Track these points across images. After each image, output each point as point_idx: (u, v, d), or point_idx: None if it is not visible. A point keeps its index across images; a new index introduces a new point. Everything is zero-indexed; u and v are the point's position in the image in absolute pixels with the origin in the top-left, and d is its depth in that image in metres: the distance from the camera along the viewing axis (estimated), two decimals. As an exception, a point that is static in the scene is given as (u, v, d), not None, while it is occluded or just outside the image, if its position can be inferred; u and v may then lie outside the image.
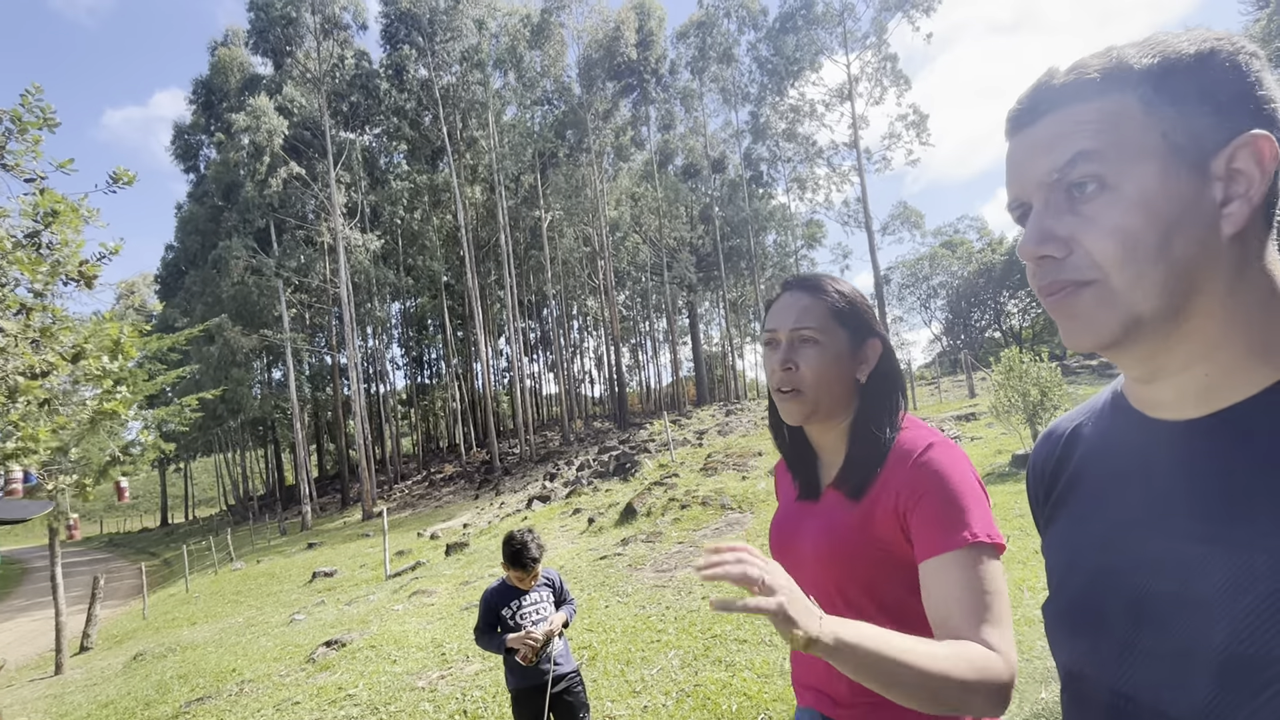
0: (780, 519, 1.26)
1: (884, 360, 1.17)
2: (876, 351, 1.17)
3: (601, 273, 35.91)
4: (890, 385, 1.16)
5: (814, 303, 1.15)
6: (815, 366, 1.12)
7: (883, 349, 1.17)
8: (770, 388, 1.17)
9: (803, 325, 1.14)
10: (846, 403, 1.15)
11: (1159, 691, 0.55)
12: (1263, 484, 0.52)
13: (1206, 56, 0.55)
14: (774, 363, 1.15)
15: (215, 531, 29.67)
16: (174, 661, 8.05)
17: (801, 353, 1.13)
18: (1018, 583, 4.78)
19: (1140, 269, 0.55)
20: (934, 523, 0.97)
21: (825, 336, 1.14)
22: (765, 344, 1.19)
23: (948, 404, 18.46)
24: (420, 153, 36.14)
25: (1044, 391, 8.94)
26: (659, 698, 4.05)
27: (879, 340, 1.17)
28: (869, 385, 1.16)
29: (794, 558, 1.19)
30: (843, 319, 1.15)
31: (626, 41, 33.56)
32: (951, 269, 48.84)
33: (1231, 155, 0.54)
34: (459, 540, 13.12)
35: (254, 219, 30.60)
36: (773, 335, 1.17)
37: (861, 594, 1.08)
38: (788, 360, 1.14)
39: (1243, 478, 0.53)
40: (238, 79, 35.04)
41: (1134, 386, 0.64)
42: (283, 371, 34.98)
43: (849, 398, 1.15)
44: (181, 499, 57.54)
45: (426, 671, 5.38)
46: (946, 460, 1.03)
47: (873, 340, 1.16)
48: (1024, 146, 0.61)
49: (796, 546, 1.19)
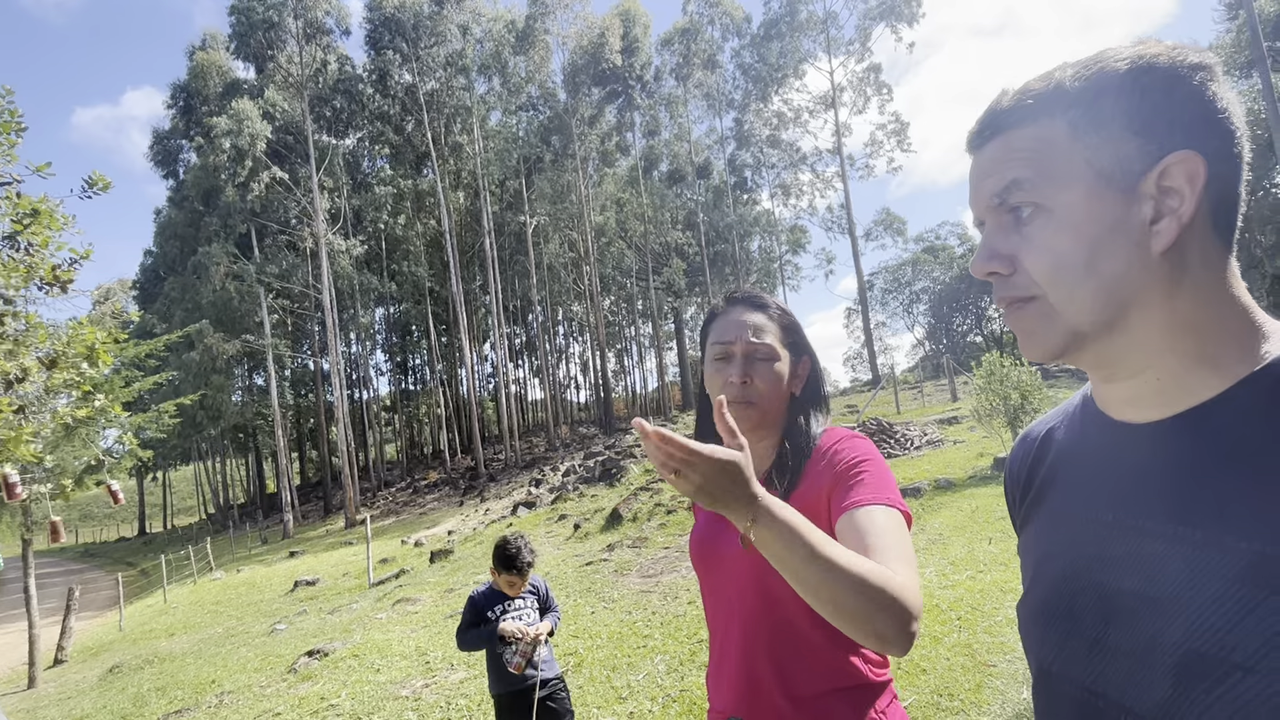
0: (702, 532, 1.27)
1: (812, 376, 1.25)
2: (807, 369, 1.25)
3: (587, 278, 35.90)
4: (818, 398, 1.25)
5: (766, 320, 1.22)
6: (769, 381, 1.18)
7: (811, 366, 1.25)
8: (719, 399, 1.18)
9: (761, 341, 1.19)
10: (781, 416, 1.22)
11: (1124, 688, 0.56)
12: (1215, 485, 0.53)
13: (1141, 73, 0.56)
14: (730, 375, 1.18)
15: (194, 540, 29.21)
16: (151, 673, 7.91)
17: (757, 368, 1.18)
18: (999, 584, 4.82)
19: (1071, 287, 0.58)
20: (849, 489, 1.04)
21: (777, 353, 1.20)
22: (717, 357, 1.21)
23: (930, 408, 18.61)
24: (404, 158, 35.95)
25: (1024, 395, 9.04)
26: (645, 703, 4.04)
27: (809, 359, 1.25)
28: (800, 399, 1.23)
29: (721, 564, 1.20)
30: (787, 336, 1.23)
31: (611, 48, 33.65)
32: (933, 274, 49.36)
33: (1161, 174, 0.55)
34: (444, 547, 13.01)
35: (235, 224, 30.27)
36: (727, 349, 1.20)
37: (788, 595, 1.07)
38: (746, 374, 1.17)
39: (1196, 478, 0.55)
40: (218, 83, 34.67)
41: (1100, 389, 0.66)
42: (264, 378, 34.57)
43: (785, 411, 1.22)
44: (160, 507, 56.58)
45: (410, 680, 5.33)
46: (858, 445, 1.12)
47: (805, 358, 1.25)
48: (976, 169, 0.64)
49: (723, 554, 1.20)
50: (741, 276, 41.54)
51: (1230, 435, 0.54)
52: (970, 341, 47.17)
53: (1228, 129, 0.56)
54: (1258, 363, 0.55)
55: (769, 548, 0.80)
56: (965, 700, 3.34)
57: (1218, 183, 0.56)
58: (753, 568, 1.12)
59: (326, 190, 32.61)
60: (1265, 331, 0.57)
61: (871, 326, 38.12)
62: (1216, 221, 0.57)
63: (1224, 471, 0.53)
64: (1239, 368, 0.56)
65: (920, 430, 13.32)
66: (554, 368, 44.85)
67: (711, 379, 1.21)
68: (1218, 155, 0.56)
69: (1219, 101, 0.56)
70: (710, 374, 1.22)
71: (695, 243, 39.60)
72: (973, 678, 3.54)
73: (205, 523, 44.73)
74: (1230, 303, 0.57)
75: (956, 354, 38.99)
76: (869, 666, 1.10)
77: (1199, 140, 0.55)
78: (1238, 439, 0.54)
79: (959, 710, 3.27)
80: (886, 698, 1.11)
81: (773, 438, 1.22)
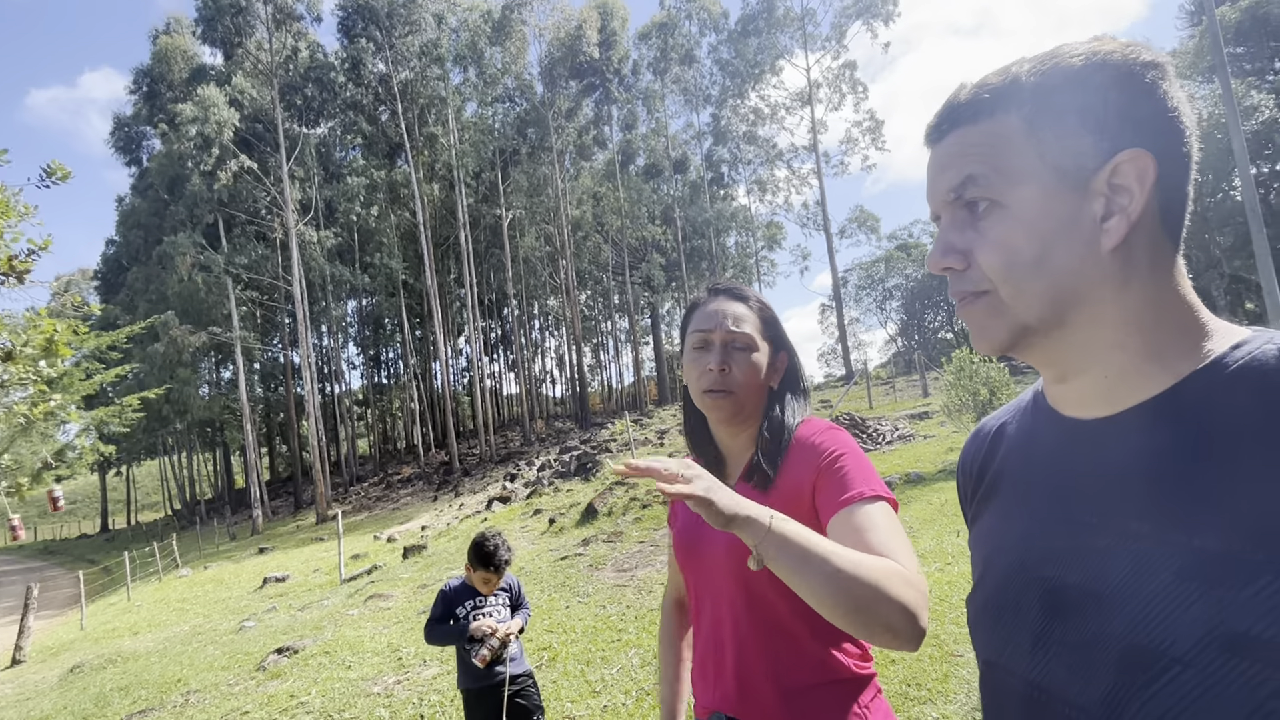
0: (685, 524, 1.28)
1: (790, 370, 1.26)
2: (785, 362, 1.26)
3: (563, 272, 35.73)
4: (795, 392, 1.25)
5: (746, 311, 1.22)
6: (747, 371, 1.18)
7: (789, 360, 1.26)
8: (697, 389, 1.19)
9: (740, 330, 1.19)
10: (760, 407, 1.22)
11: (1068, 681, 0.56)
12: (1159, 481, 0.54)
13: (1095, 70, 0.56)
14: (708, 363, 1.18)
15: (160, 537, 28.56)
16: (114, 673, 7.73)
17: (735, 357, 1.19)
18: (966, 576, 4.90)
19: (1021, 282, 0.58)
20: (837, 484, 1.05)
21: (755, 344, 1.20)
22: (696, 346, 1.21)
23: (902, 403, 18.89)
24: (378, 148, 35.37)
25: (993, 391, 9.23)
26: (619, 697, 4.05)
27: (786, 353, 1.26)
28: (778, 392, 1.24)
29: (704, 557, 1.21)
30: (767, 329, 1.24)
31: (589, 41, 33.45)
32: (906, 271, 50.03)
33: (1112, 171, 0.55)
34: (417, 543, 12.90)
35: (202, 214, 29.54)
36: (706, 337, 1.20)
37: (769, 589, 1.10)
38: (724, 362, 1.18)
39: (1142, 475, 0.56)
40: (183, 69, 33.78)
41: (1050, 386, 0.67)
42: (232, 371, 33.88)
43: (762, 403, 1.22)
44: (123, 503, 55.25)
45: (382, 677, 5.28)
46: (838, 437, 1.13)
47: (783, 353, 1.26)
48: (933, 163, 0.65)
49: (706, 546, 1.20)
50: (718, 272, 41.66)
51: (1174, 431, 0.55)
52: (941, 338, 47.95)
53: (1178, 128, 0.56)
54: (1202, 360, 0.56)
55: (780, 566, 0.80)
56: (933, 690, 3.40)
57: (1167, 181, 0.56)
58: (737, 565, 1.12)
59: (297, 180, 31.97)
60: (1209, 329, 0.58)
61: (845, 322, 38.55)
62: (1165, 220, 0.57)
63: (1168, 468, 0.54)
64: (1183, 365, 0.56)
65: (892, 425, 13.52)
66: (530, 362, 44.60)
67: (690, 368, 1.22)
68: (1167, 154, 0.56)
69: (1170, 100, 0.56)
70: (689, 363, 1.22)
71: (672, 238, 39.62)
72: (940, 668, 3.61)
73: (171, 519, 43.76)
74: (1177, 301, 0.58)
75: (928, 350, 39.61)
76: (853, 660, 1.11)
77: (1149, 138, 0.55)
78: (1181, 435, 0.54)
79: (926, 700, 3.33)
80: (870, 692, 1.11)
81: (751, 429, 1.22)
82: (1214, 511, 0.50)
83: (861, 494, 1.01)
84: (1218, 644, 0.47)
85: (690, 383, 1.21)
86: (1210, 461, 0.52)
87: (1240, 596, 0.47)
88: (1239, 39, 19.61)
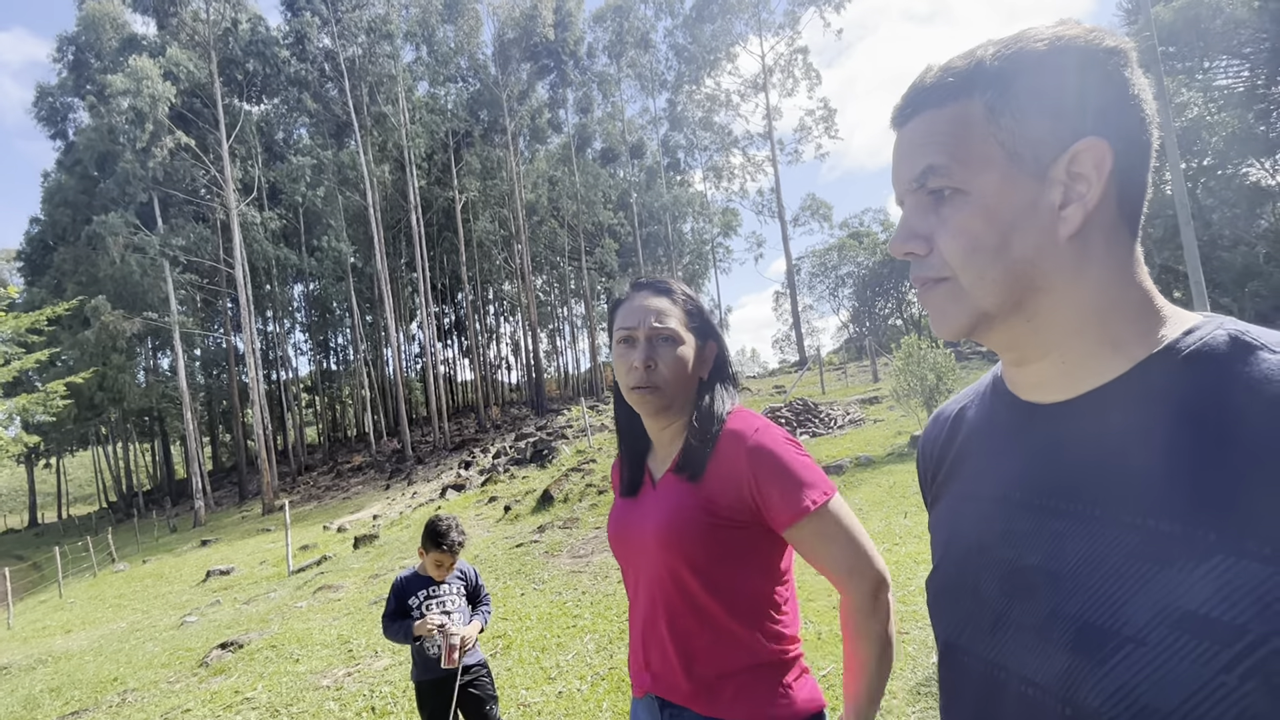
0: (619, 512, 1.31)
1: (719, 359, 1.27)
2: (713, 353, 1.26)
3: (518, 256, 35.28)
4: (724, 381, 1.26)
5: (670, 304, 1.21)
6: (673, 364, 1.18)
7: (718, 350, 1.27)
8: (626, 384, 1.20)
9: (663, 325, 1.19)
10: (689, 399, 1.22)
11: (1025, 659, 0.57)
12: (1113, 465, 0.55)
13: (1056, 54, 0.56)
14: (634, 360, 1.18)
15: (94, 530, 27.35)
16: (44, 673, 7.38)
17: (661, 352, 1.19)
18: (913, 557, 5.07)
19: (981, 270, 0.59)
20: (784, 497, 1.09)
21: (681, 337, 1.20)
22: (621, 341, 1.22)
23: (853, 388, 19.32)
24: (324, 128, 34.12)
25: (939, 376, 9.50)
26: (574, 682, 4.05)
27: (715, 343, 1.27)
28: (707, 383, 1.24)
29: (634, 545, 1.24)
30: (692, 321, 1.23)
31: (544, 21, 32.86)
32: (858, 259, 50.89)
33: (1071, 159, 0.55)
34: (368, 532, 12.65)
35: (135, 192, 28.01)
36: (630, 333, 1.20)
37: (694, 576, 1.14)
38: (649, 357, 1.18)
39: (1098, 457, 0.57)
40: (113, 38, 31.87)
41: (1009, 370, 0.68)
42: (171, 357, 32.48)
43: (692, 395, 1.23)
44: (54, 496, 52.63)
45: (332, 670, 5.17)
46: (775, 440, 1.14)
47: (711, 343, 1.26)
48: (898, 148, 0.64)
49: (636, 534, 1.23)
50: (674, 258, 41.78)
51: (1130, 415, 0.56)
52: (892, 325, 49.04)
53: (1138, 116, 0.56)
54: (1156, 345, 0.57)
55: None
56: (880, 666, 3.50)
57: (1125, 169, 0.56)
58: (665, 556, 1.15)
59: (239, 159, 30.64)
60: (1163, 315, 0.59)
61: (799, 309, 39.16)
62: (1123, 208, 0.58)
63: (1124, 450, 0.55)
64: (1139, 350, 0.57)
65: (843, 410, 13.81)
66: (484, 348, 44.04)
67: (617, 364, 1.22)
68: (1126, 142, 0.56)
69: (1131, 88, 0.56)
70: (616, 359, 1.22)
71: (628, 223, 39.50)
72: (887, 645, 3.71)
73: (106, 512, 41.93)
74: (1133, 287, 0.59)
75: (878, 336, 40.53)
76: (779, 645, 1.15)
77: (1109, 126, 0.55)
78: (1136, 419, 0.55)
79: (874, 676, 3.42)
80: (795, 671, 1.16)
81: (680, 421, 1.23)
82: (1167, 492, 0.51)
83: (810, 506, 1.08)
84: (1170, 622, 0.48)
85: (619, 378, 1.22)
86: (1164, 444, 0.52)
87: (1192, 576, 0.48)
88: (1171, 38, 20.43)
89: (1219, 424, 0.50)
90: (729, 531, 1.13)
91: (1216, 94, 19.44)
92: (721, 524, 1.12)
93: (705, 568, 1.13)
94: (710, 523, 1.12)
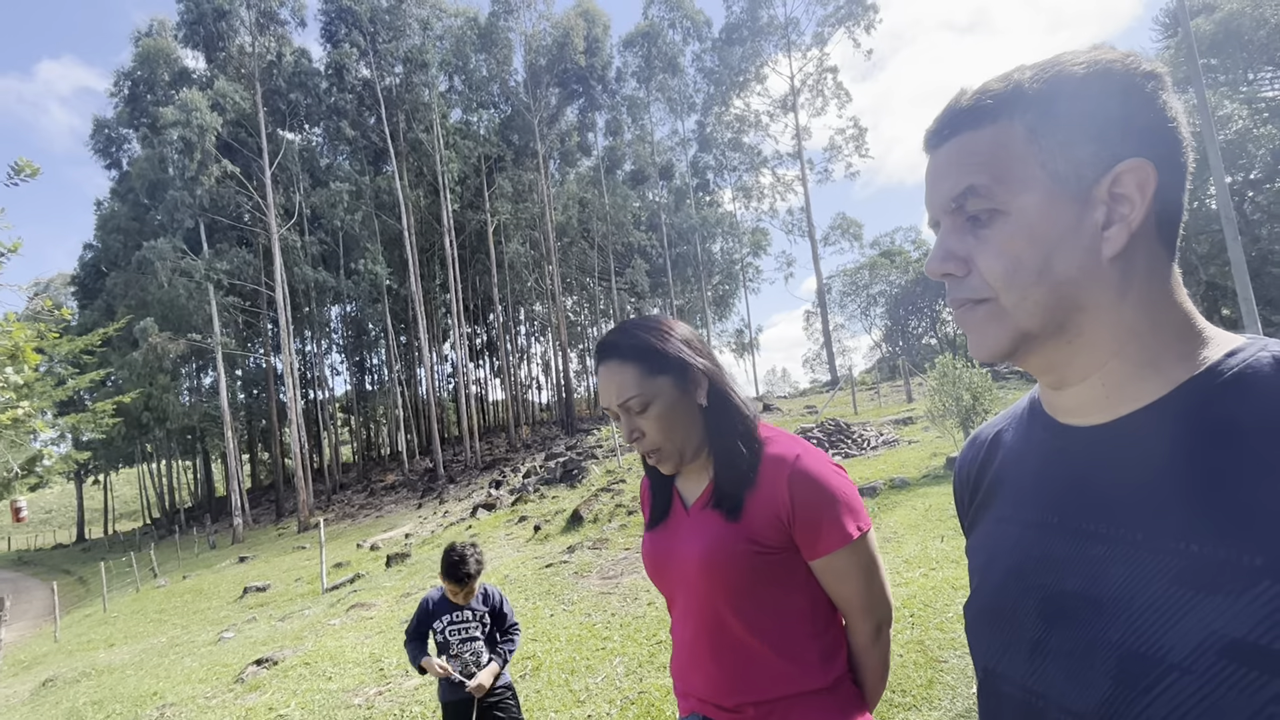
0: (654, 544, 1.28)
1: (713, 377, 1.20)
2: (698, 374, 1.18)
3: (549, 277, 35.66)
4: (730, 399, 1.19)
5: (625, 367, 1.15)
6: (655, 426, 1.15)
7: (706, 366, 1.20)
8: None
9: (626, 397, 1.15)
10: (698, 434, 1.18)
11: (1065, 688, 0.56)
12: (1154, 488, 0.54)
13: (1097, 78, 0.56)
14: (624, 434, 1.19)
15: (137, 546, 28.07)
16: (88, 686, 7.56)
17: (639, 421, 1.16)
18: (950, 582, 4.93)
19: (1024, 290, 0.58)
20: (818, 527, 1.09)
21: (651, 394, 1.14)
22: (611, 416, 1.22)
23: (886, 408, 19.01)
24: (362, 154, 35.16)
25: (976, 396, 9.29)
26: (603, 706, 4.01)
27: (696, 366, 1.18)
28: (710, 407, 1.18)
29: (674, 576, 1.22)
30: (658, 367, 1.15)
31: (575, 48, 33.49)
32: (890, 278, 50.31)
33: (1114, 180, 0.56)
34: (400, 551, 12.77)
35: (183, 219, 29.15)
36: (608, 410, 1.20)
37: (733, 614, 1.13)
38: (633, 431, 1.16)
39: (1138, 481, 0.56)
40: (165, 72, 33.39)
41: (1047, 393, 0.67)
42: (213, 377, 33.43)
43: (698, 429, 1.18)
44: (100, 512, 54.20)
45: (364, 688, 5.20)
46: (817, 468, 1.11)
47: (690, 368, 1.17)
48: (933, 169, 0.64)
49: (677, 565, 1.20)
50: (704, 277, 41.81)
51: (1170, 438, 0.55)
52: (925, 344, 48.25)
53: (1176, 138, 0.57)
54: (1197, 367, 0.56)
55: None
56: (917, 696, 3.40)
57: (1165, 191, 0.56)
58: (707, 587, 1.15)
59: (281, 186, 31.67)
60: (1204, 337, 0.58)
61: (830, 328, 38.80)
62: (1162, 229, 0.58)
63: (1164, 474, 0.54)
64: (1180, 372, 0.57)
65: (876, 430, 13.59)
66: (515, 368, 44.42)
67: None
68: (1166, 164, 0.56)
69: (1169, 111, 0.56)
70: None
71: (658, 244, 39.68)
72: (925, 674, 3.61)
73: (149, 528, 43.01)
74: (1173, 308, 0.58)
75: (912, 356, 39.89)
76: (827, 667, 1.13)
77: (1149, 148, 0.56)
78: (1177, 442, 0.54)
79: (911, 706, 3.33)
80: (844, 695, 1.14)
81: (701, 455, 1.21)
82: (1211, 517, 0.50)
83: (850, 536, 1.09)
84: (1216, 650, 0.47)
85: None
86: (1206, 467, 0.52)
87: (1238, 602, 0.47)
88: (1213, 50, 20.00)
89: (1263, 447, 0.49)
90: (771, 556, 1.12)
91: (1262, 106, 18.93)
92: (763, 550, 1.12)
93: (749, 593, 1.13)
94: (752, 550, 1.11)
